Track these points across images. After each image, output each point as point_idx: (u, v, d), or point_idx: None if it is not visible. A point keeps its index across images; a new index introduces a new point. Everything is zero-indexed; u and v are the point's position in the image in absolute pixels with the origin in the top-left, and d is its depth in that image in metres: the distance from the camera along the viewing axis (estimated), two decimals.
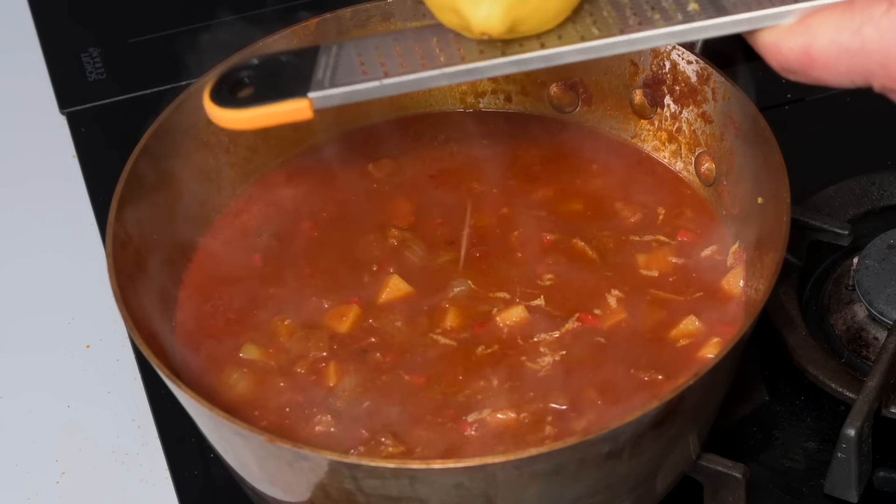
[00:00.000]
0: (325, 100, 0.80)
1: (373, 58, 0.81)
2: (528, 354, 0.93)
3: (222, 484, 0.98)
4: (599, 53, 0.80)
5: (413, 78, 0.80)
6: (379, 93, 0.80)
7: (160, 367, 0.85)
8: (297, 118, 0.81)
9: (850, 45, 0.75)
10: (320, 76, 0.81)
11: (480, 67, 0.80)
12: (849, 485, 0.94)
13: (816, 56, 0.76)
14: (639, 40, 0.79)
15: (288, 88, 0.81)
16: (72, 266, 1.15)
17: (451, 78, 0.80)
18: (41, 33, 1.35)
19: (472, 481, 0.81)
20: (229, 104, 0.81)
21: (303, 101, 0.80)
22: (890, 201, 1.10)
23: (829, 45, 0.75)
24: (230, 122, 0.81)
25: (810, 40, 0.76)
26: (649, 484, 0.89)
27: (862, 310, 1.02)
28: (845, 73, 0.76)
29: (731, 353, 0.84)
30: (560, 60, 0.80)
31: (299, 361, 0.93)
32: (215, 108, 0.81)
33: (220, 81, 0.82)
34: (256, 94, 0.81)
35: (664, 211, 1.02)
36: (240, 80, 0.82)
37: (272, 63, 0.83)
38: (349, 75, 0.81)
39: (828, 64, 0.76)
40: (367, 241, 1.00)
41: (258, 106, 0.81)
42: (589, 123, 1.08)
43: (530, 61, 0.80)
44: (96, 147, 1.24)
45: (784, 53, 0.77)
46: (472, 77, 0.81)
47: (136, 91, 1.27)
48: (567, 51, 0.80)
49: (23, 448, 1.03)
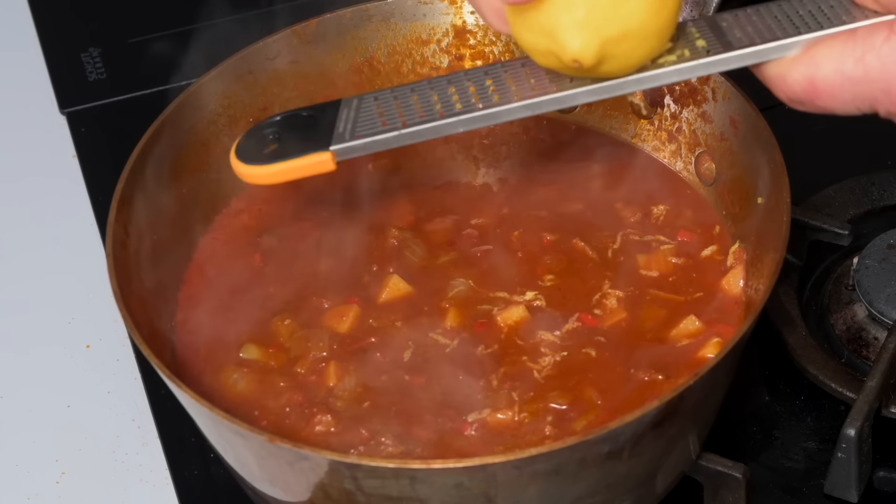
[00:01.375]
0: (346, 152, 0.83)
1: (391, 108, 0.84)
2: (529, 354, 0.93)
3: (222, 484, 0.98)
4: (613, 93, 0.81)
5: (431, 126, 0.82)
6: (398, 142, 0.83)
7: (160, 367, 0.85)
8: (319, 171, 0.84)
9: (854, 74, 0.76)
10: (341, 129, 0.84)
11: (496, 112, 0.82)
12: (849, 485, 0.94)
13: (821, 86, 0.77)
14: (648, 79, 0.81)
15: (310, 143, 0.84)
16: (72, 266, 1.15)
17: (467, 124, 0.82)
18: (41, 33, 1.35)
19: (472, 481, 0.81)
20: (255, 160, 0.85)
21: (325, 154, 0.83)
22: (890, 201, 1.10)
23: (833, 75, 0.77)
24: (257, 178, 0.85)
25: (815, 70, 0.77)
26: (649, 484, 0.89)
27: (862, 310, 1.02)
28: (850, 101, 0.77)
29: (731, 353, 0.84)
30: (572, 102, 0.82)
31: (299, 361, 0.94)
32: (241, 165, 0.85)
33: (245, 139, 0.86)
34: (280, 150, 0.85)
35: (664, 211, 1.02)
36: (264, 136, 0.86)
37: (294, 119, 0.86)
38: (369, 127, 0.83)
39: (833, 93, 0.77)
40: (367, 241, 1.01)
41: (283, 161, 0.84)
42: (589, 123, 1.08)
43: (545, 104, 0.82)
44: (96, 147, 1.24)
45: (790, 84, 0.78)
46: (489, 122, 0.83)
47: (136, 91, 1.27)
48: (579, 92, 0.82)
49: (23, 448, 1.03)
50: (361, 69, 1.08)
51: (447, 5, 1.07)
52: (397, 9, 1.06)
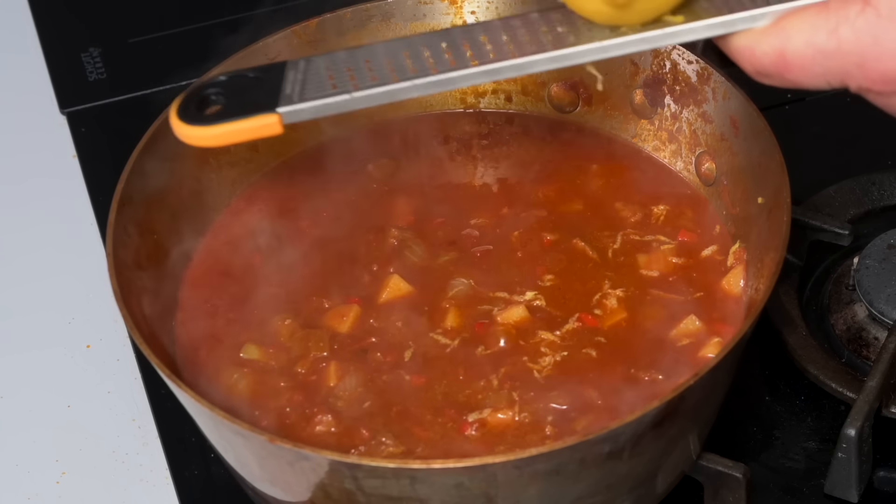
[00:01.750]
0: (294, 114, 0.80)
1: (342, 71, 0.81)
2: (529, 354, 0.93)
3: (222, 484, 0.98)
4: (572, 61, 0.79)
5: (383, 90, 0.79)
6: (349, 106, 0.79)
7: (160, 367, 0.85)
8: (266, 133, 0.80)
9: (826, 47, 0.74)
10: (289, 91, 0.80)
11: (452, 78, 0.79)
12: (849, 485, 0.94)
13: (791, 58, 0.75)
14: (612, 46, 0.79)
15: (256, 104, 0.80)
16: (72, 266, 1.15)
17: (422, 89, 0.79)
18: (41, 33, 1.35)
19: (472, 481, 0.81)
20: (196, 121, 0.80)
21: (271, 116, 0.79)
22: (890, 201, 1.10)
23: (804, 47, 0.75)
24: (197, 140, 0.80)
25: (785, 42, 0.75)
26: (649, 484, 0.89)
27: (862, 310, 1.02)
28: (821, 74, 0.75)
29: (731, 353, 0.84)
30: (532, 69, 0.79)
31: (300, 361, 0.94)
32: (182, 126, 0.80)
33: (186, 99, 0.81)
34: (224, 111, 0.80)
35: (664, 211, 1.02)
36: (207, 97, 0.81)
37: (239, 80, 0.82)
38: (318, 89, 0.80)
39: (803, 66, 0.75)
40: (367, 241, 1.01)
41: (226, 122, 0.80)
42: (589, 123, 1.08)
43: (501, 70, 0.79)
44: (96, 147, 1.24)
45: (758, 57, 0.76)
46: (443, 88, 0.80)
47: (136, 91, 1.27)
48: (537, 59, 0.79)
49: (23, 448, 1.03)
50: None
51: (447, 5, 1.07)
52: (397, 9, 1.06)
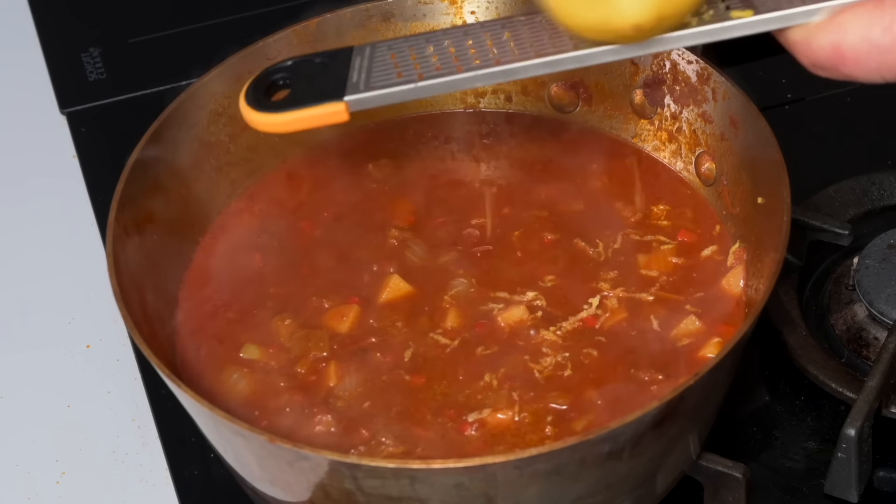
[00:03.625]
0: (360, 103, 0.80)
1: (407, 59, 0.81)
2: (529, 354, 0.93)
3: (222, 484, 0.98)
4: (633, 53, 0.79)
5: (448, 80, 0.80)
6: (414, 95, 0.80)
7: (160, 367, 0.85)
8: (333, 121, 0.81)
9: (881, 42, 0.75)
10: (355, 79, 0.81)
11: (515, 68, 0.80)
12: (849, 485, 0.94)
13: (847, 53, 0.76)
14: (672, 39, 0.79)
15: (323, 91, 0.81)
16: (72, 266, 1.15)
17: (486, 79, 0.80)
18: (41, 33, 1.35)
19: (472, 481, 0.81)
20: (265, 108, 0.81)
21: (339, 104, 0.80)
22: (890, 201, 1.10)
23: (859, 42, 0.76)
24: (267, 126, 0.81)
25: (841, 37, 0.76)
26: (649, 484, 0.89)
27: (862, 310, 1.02)
28: (876, 69, 0.76)
29: (731, 353, 0.84)
30: (592, 61, 0.80)
31: (299, 361, 0.94)
32: (252, 112, 0.81)
33: (254, 84, 0.82)
34: (292, 97, 0.81)
35: (664, 211, 1.02)
36: (275, 82, 0.82)
37: (306, 65, 0.83)
38: (384, 78, 0.81)
39: (858, 60, 0.76)
40: (367, 241, 1.01)
41: (295, 110, 0.81)
42: (589, 123, 1.08)
43: (563, 62, 0.79)
44: (96, 147, 1.24)
45: (814, 50, 0.77)
46: (508, 78, 0.80)
47: (136, 91, 1.27)
48: (599, 52, 0.79)
49: (23, 448, 1.03)
50: None
51: (447, 5, 1.07)
52: (397, 9, 1.06)
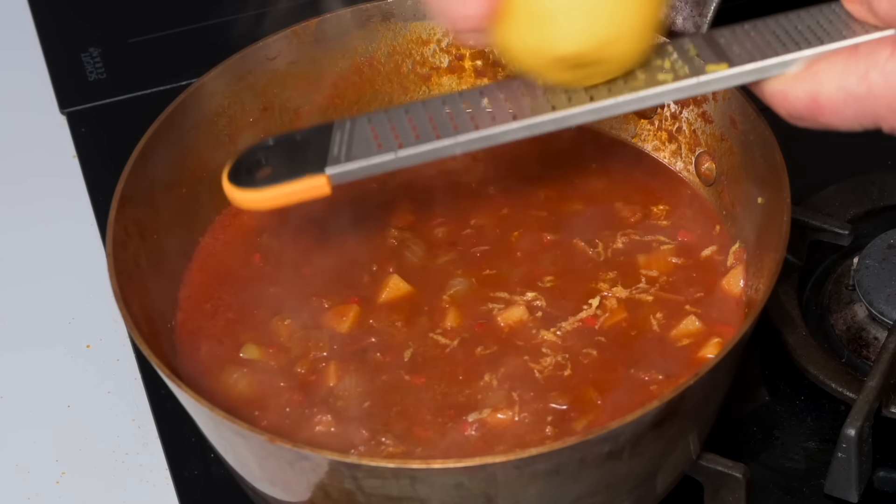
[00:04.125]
0: (341, 175, 0.82)
1: (386, 130, 0.82)
2: (529, 354, 0.93)
3: (222, 484, 0.98)
4: (609, 112, 0.81)
5: (427, 148, 0.81)
6: (394, 165, 0.81)
7: (160, 367, 0.85)
8: (315, 195, 0.82)
9: (857, 91, 0.75)
10: (335, 152, 0.82)
11: (494, 134, 0.81)
12: (849, 485, 0.94)
13: (824, 102, 0.76)
14: (648, 97, 0.80)
15: (305, 166, 0.82)
16: (72, 266, 1.15)
17: (465, 146, 0.81)
18: (41, 33, 1.35)
19: (472, 481, 0.81)
20: (248, 185, 0.83)
21: (320, 177, 0.82)
22: (890, 201, 1.10)
23: (835, 92, 0.76)
24: (249, 203, 0.83)
25: (817, 87, 0.77)
26: (649, 484, 0.89)
27: (862, 310, 1.02)
28: (853, 117, 0.77)
29: (731, 353, 0.84)
30: (569, 123, 0.81)
31: (299, 361, 0.94)
32: (234, 190, 0.83)
33: (237, 164, 0.84)
34: (274, 174, 0.83)
35: (664, 211, 1.02)
36: (257, 161, 0.84)
37: (288, 142, 0.84)
38: (364, 149, 0.82)
39: (835, 109, 0.76)
40: (366, 241, 1.01)
41: (276, 185, 0.82)
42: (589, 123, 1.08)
43: (542, 125, 0.81)
44: (96, 147, 1.24)
45: (791, 101, 0.78)
46: (486, 144, 0.82)
47: (136, 91, 1.27)
48: (575, 113, 0.81)
49: (23, 448, 1.03)
50: (361, 69, 1.08)
51: None
52: (397, 9, 1.06)
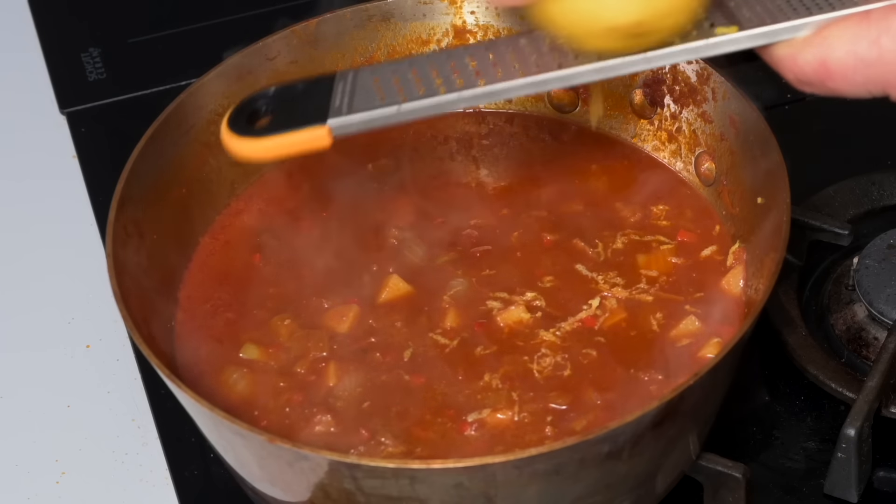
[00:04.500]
0: (343, 127, 0.80)
1: (390, 83, 0.81)
2: (528, 354, 0.93)
3: (222, 484, 0.98)
4: (616, 72, 0.79)
5: (431, 102, 0.80)
6: (397, 119, 0.80)
7: (160, 367, 0.85)
8: (315, 146, 0.81)
9: (868, 56, 0.75)
10: (338, 103, 0.81)
11: (498, 90, 0.80)
12: (849, 485, 0.94)
13: (833, 67, 0.76)
14: (657, 57, 0.79)
15: (306, 116, 0.81)
16: (72, 266, 1.15)
17: (469, 101, 0.80)
18: (41, 33, 1.35)
19: (472, 481, 0.81)
20: (247, 133, 0.81)
21: (321, 128, 0.80)
22: (890, 201, 1.10)
23: (845, 56, 0.76)
24: (249, 152, 0.81)
25: (827, 52, 0.76)
26: (649, 484, 0.89)
27: (862, 310, 1.02)
28: (862, 83, 0.76)
29: (731, 353, 0.84)
30: (576, 80, 0.80)
31: (299, 361, 0.94)
32: (233, 138, 0.81)
33: (237, 112, 0.82)
34: (274, 123, 0.81)
35: (664, 211, 1.02)
36: (257, 109, 0.82)
37: (289, 92, 0.83)
38: (367, 101, 0.80)
39: (845, 75, 0.76)
40: (366, 241, 1.00)
41: (276, 134, 0.80)
42: (589, 123, 1.08)
43: (548, 82, 0.80)
44: (96, 147, 1.24)
45: (800, 66, 0.77)
46: (492, 99, 0.80)
47: (136, 91, 1.27)
48: (583, 70, 0.79)
49: (23, 448, 1.03)
50: None
51: (447, 5, 1.07)
52: (397, 9, 1.06)
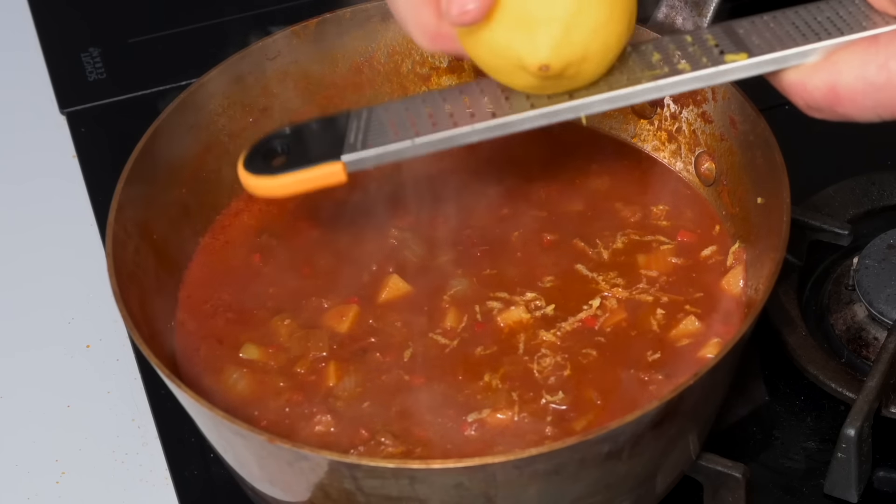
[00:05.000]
0: (358, 162, 0.82)
1: (403, 119, 0.82)
2: (528, 354, 0.93)
3: (222, 484, 0.98)
4: (629, 101, 0.80)
5: (444, 136, 0.81)
6: (411, 152, 0.81)
7: (160, 367, 0.85)
8: (330, 182, 0.82)
9: (877, 80, 0.75)
10: (352, 140, 0.82)
11: (511, 122, 0.81)
12: (849, 485, 0.94)
13: (843, 92, 0.76)
14: (667, 86, 0.80)
15: (321, 153, 0.82)
16: (72, 266, 1.15)
17: (482, 134, 0.81)
18: (41, 33, 1.35)
19: (472, 481, 0.81)
20: (263, 171, 0.82)
21: (336, 164, 0.82)
22: (890, 201, 1.10)
23: (854, 81, 0.76)
24: (265, 190, 0.83)
25: (836, 77, 0.76)
26: (649, 484, 0.89)
27: (862, 310, 1.02)
28: (871, 107, 0.76)
29: (731, 353, 0.84)
30: (590, 110, 0.81)
31: (299, 361, 0.94)
32: (250, 177, 0.83)
33: (253, 151, 0.84)
34: (290, 162, 0.82)
35: (664, 211, 1.02)
36: (273, 149, 0.83)
37: (304, 131, 0.84)
38: (380, 137, 0.82)
39: (854, 100, 0.76)
40: (366, 241, 1.01)
41: (292, 171, 0.82)
42: (589, 123, 1.08)
43: (560, 113, 0.81)
44: (96, 147, 1.24)
45: (810, 91, 0.77)
46: (503, 132, 0.81)
47: (136, 91, 1.27)
48: (596, 100, 0.80)
49: (23, 448, 1.03)
50: (361, 69, 1.08)
51: None
52: None
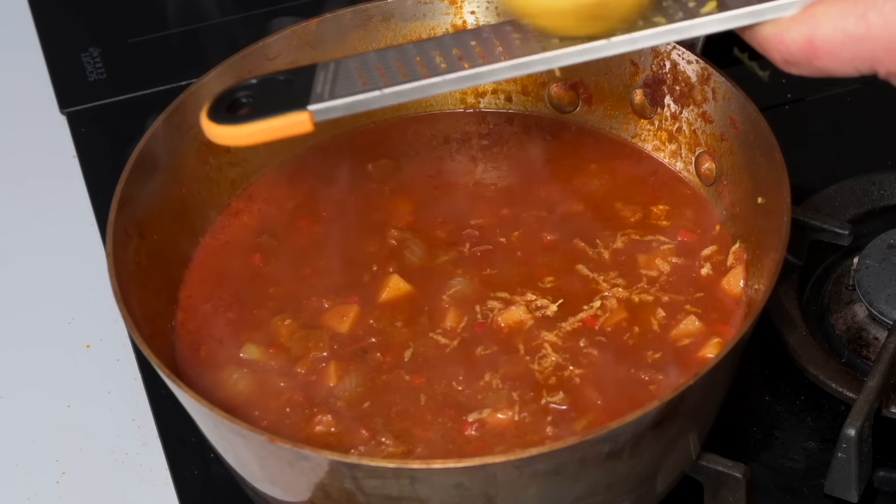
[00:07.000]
0: (325, 112, 0.81)
1: (372, 69, 0.82)
2: (529, 354, 0.93)
3: (222, 484, 0.98)
4: (601, 53, 0.80)
5: (414, 86, 0.80)
6: (379, 102, 0.80)
7: (160, 367, 0.85)
8: (297, 131, 0.81)
9: (855, 32, 0.75)
10: (319, 90, 0.81)
11: (481, 72, 0.80)
12: (849, 485, 0.94)
13: (820, 45, 0.76)
14: (641, 38, 0.79)
15: (287, 103, 0.81)
16: (72, 266, 1.15)
17: (452, 84, 0.81)
18: (41, 33, 1.35)
19: (472, 481, 0.81)
20: (227, 121, 0.81)
21: (302, 113, 0.81)
22: (890, 201, 1.10)
23: (833, 33, 0.75)
24: (228, 139, 0.82)
25: (814, 29, 0.76)
26: (649, 484, 0.89)
27: (862, 310, 1.02)
28: (850, 60, 0.76)
29: (731, 353, 0.84)
30: (559, 62, 0.80)
31: (299, 361, 0.94)
32: (213, 126, 0.81)
33: (217, 101, 0.82)
34: (256, 111, 0.81)
35: (664, 211, 1.02)
36: (238, 100, 0.82)
37: (270, 82, 0.83)
38: (348, 87, 0.81)
39: (832, 52, 0.76)
40: (366, 241, 1.01)
41: (257, 121, 0.81)
42: (589, 123, 1.08)
43: (532, 64, 0.80)
44: (96, 147, 1.24)
45: (787, 45, 0.77)
46: (474, 82, 0.81)
47: (136, 91, 1.27)
48: (567, 52, 0.80)
49: (23, 448, 1.03)
50: None
51: (447, 5, 1.07)
52: (397, 9, 1.06)
